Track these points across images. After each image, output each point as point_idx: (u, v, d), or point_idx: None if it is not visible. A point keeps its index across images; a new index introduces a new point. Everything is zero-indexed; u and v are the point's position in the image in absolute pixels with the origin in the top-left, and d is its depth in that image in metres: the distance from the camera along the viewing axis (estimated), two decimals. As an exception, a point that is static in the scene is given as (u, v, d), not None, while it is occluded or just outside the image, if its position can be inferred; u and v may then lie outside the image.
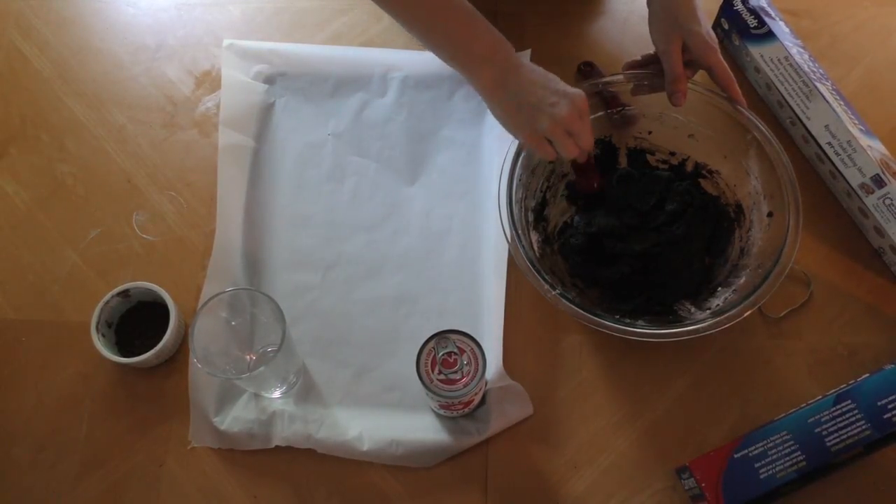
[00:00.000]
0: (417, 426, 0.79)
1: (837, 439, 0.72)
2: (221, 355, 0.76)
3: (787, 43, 0.87)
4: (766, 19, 0.88)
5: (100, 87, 0.96)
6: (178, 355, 0.83)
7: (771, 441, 0.73)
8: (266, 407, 0.79)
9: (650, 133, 0.86)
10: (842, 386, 0.75)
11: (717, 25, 0.94)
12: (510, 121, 0.76)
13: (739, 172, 0.83)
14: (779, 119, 0.91)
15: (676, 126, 0.84)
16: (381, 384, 0.81)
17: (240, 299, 0.76)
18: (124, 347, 0.82)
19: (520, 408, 0.79)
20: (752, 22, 0.88)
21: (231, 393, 0.80)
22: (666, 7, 0.78)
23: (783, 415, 0.74)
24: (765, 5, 0.89)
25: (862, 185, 0.82)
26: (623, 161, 0.88)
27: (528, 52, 0.94)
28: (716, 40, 0.78)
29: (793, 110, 0.87)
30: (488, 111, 0.90)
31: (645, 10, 0.81)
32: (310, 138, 0.92)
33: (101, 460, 0.79)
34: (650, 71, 0.81)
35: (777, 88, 0.88)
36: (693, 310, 0.79)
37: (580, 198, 0.87)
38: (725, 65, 0.78)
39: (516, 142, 0.80)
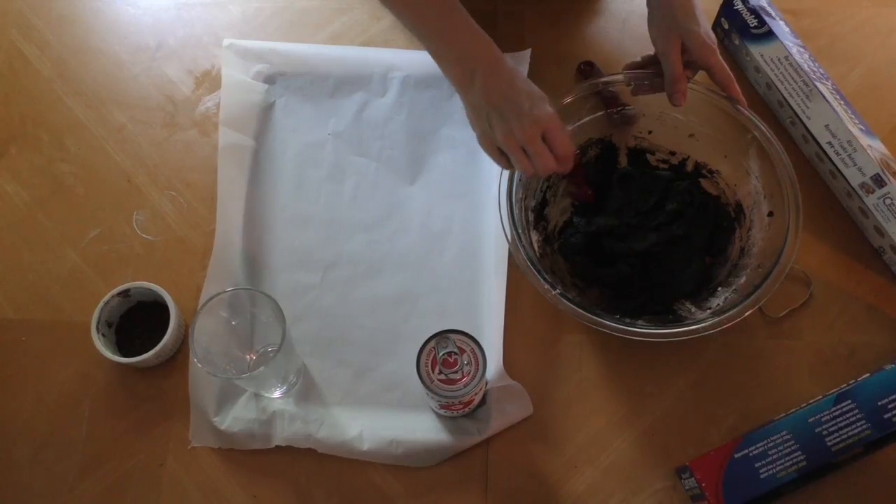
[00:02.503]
0: (417, 426, 0.79)
1: (838, 439, 0.72)
2: (222, 355, 0.76)
3: (787, 42, 0.87)
4: (767, 19, 0.88)
5: (100, 87, 0.96)
6: (178, 355, 0.83)
7: (771, 441, 0.73)
8: (266, 407, 0.79)
9: (650, 133, 0.86)
10: (842, 386, 0.75)
11: (717, 25, 0.94)
12: (470, 119, 0.76)
13: (739, 172, 0.83)
14: (779, 119, 0.91)
15: (676, 126, 0.84)
16: (381, 384, 0.81)
17: (240, 299, 0.76)
18: (124, 347, 0.82)
19: (520, 408, 0.79)
20: (752, 21, 0.88)
21: (231, 393, 0.80)
22: (664, 7, 0.78)
23: (783, 415, 0.74)
24: (765, 5, 0.89)
25: (862, 185, 0.82)
26: (623, 161, 0.88)
27: (528, 51, 0.94)
28: (715, 40, 0.78)
29: (793, 110, 0.87)
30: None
31: (645, 10, 0.81)
32: (310, 138, 0.92)
33: (101, 460, 0.79)
34: (650, 71, 0.81)
35: (777, 88, 0.88)
36: (693, 309, 0.79)
37: (576, 203, 0.87)
38: (724, 65, 0.78)
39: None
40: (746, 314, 0.73)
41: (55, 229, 0.89)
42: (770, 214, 0.79)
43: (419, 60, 0.94)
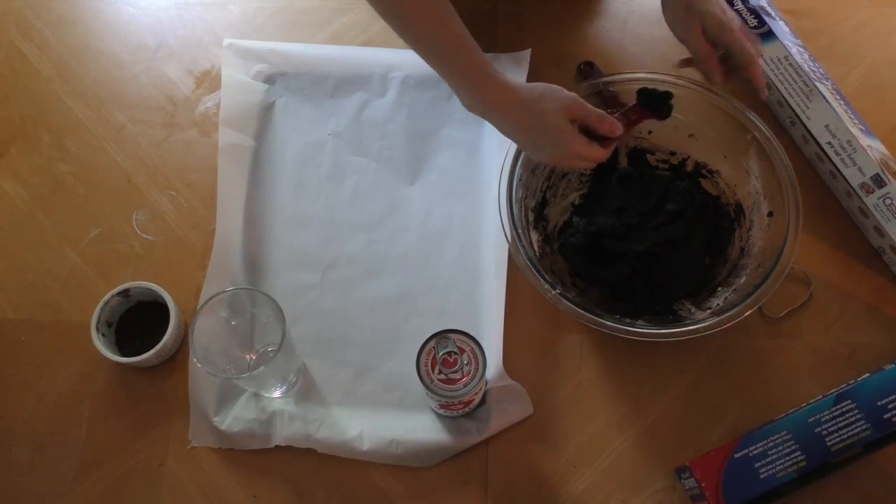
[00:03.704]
0: (417, 426, 0.79)
1: (837, 439, 0.72)
2: (221, 355, 0.76)
3: (787, 42, 0.87)
4: (766, 19, 0.88)
5: (100, 87, 0.96)
6: (178, 355, 0.83)
7: (771, 441, 0.73)
8: (266, 407, 0.79)
9: (650, 133, 0.86)
10: (842, 386, 0.75)
11: (717, 25, 0.94)
12: (516, 142, 0.78)
13: (739, 172, 0.83)
14: (779, 119, 0.91)
15: (676, 126, 0.84)
16: (381, 384, 0.81)
17: (240, 299, 0.76)
18: (124, 347, 0.82)
19: (520, 408, 0.79)
20: (752, 21, 0.88)
21: (231, 393, 0.80)
22: None
23: (783, 415, 0.74)
24: (765, 5, 0.89)
25: (862, 185, 0.82)
26: (623, 161, 0.88)
27: (528, 51, 0.94)
28: (734, 17, 0.76)
29: (793, 110, 0.87)
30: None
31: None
32: (310, 138, 0.92)
33: (101, 460, 0.79)
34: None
35: (777, 88, 0.88)
36: (693, 309, 0.80)
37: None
38: (744, 42, 0.75)
39: (516, 142, 0.80)
40: (746, 314, 0.73)
41: (55, 229, 0.89)
42: (770, 214, 0.79)
43: (419, 61, 0.93)
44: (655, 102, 0.78)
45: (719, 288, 0.81)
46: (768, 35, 0.87)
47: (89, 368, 0.82)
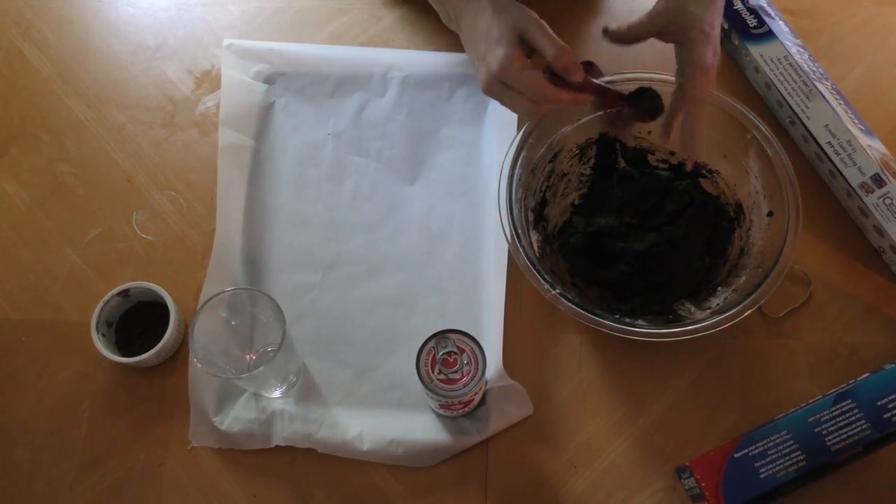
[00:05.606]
0: (417, 426, 0.79)
1: (837, 439, 0.72)
2: (221, 355, 0.76)
3: (786, 42, 0.87)
4: (766, 19, 0.88)
5: (100, 87, 0.96)
6: (178, 355, 0.83)
7: (771, 441, 0.73)
8: (266, 407, 0.79)
9: (650, 133, 0.86)
10: (842, 385, 0.75)
11: (716, 25, 0.94)
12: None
13: (739, 172, 0.83)
14: (779, 119, 0.91)
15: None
16: (381, 384, 0.81)
17: (240, 299, 0.76)
18: (124, 347, 0.82)
19: (520, 408, 0.79)
20: (751, 21, 0.89)
21: (231, 393, 0.80)
22: None
23: (783, 414, 0.74)
24: (764, 5, 0.89)
25: (862, 185, 0.82)
26: (623, 161, 0.88)
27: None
28: (717, 45, 0.74)
29: (792, 110, 0.87)
30: (488, 111, 0.91)
31: (644, 10, 0.80)
32: (309, 138, 0.92)
33: (101, 460, 0.79)
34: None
35: (777, 88, 0.88)
36: (693, 309, 0.80)
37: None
38: (706, 79, 0.73)
39: (516, 142, 0.80)
40: (746, 314, 0.73)
41: (55, 229, 0.89)
42: (770, 214, 0.79)
43: (419, 60, 0.94)
44: (643, 103, 0.78)
45: (719, 288, 0.81)
46: (768, 35, 0.87)
47: (89, 368, 0.82)
